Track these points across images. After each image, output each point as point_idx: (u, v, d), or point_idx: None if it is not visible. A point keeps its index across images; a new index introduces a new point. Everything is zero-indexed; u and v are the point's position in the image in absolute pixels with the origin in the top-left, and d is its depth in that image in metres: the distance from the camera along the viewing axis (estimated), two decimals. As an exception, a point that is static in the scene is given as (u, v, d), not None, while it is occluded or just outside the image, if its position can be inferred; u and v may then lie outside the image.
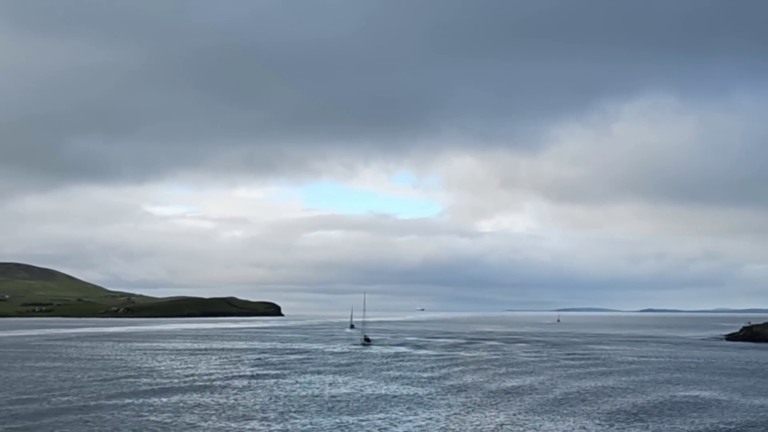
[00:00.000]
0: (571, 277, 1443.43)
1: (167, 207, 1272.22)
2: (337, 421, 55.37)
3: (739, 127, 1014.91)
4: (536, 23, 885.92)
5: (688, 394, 74.39)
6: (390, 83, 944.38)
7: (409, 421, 55.87)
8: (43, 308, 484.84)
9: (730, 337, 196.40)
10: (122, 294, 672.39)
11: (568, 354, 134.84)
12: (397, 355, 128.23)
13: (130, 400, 65.67)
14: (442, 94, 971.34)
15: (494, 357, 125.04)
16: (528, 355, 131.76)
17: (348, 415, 58.27)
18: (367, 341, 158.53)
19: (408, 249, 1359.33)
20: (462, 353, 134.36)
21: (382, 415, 58.25)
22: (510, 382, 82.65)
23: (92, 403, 64.17)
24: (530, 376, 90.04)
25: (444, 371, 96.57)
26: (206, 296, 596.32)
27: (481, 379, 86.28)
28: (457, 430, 52.50)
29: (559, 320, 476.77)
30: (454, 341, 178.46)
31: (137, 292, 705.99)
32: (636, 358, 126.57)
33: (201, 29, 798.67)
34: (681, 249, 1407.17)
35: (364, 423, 54.57)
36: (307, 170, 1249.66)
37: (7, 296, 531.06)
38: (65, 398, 67.37)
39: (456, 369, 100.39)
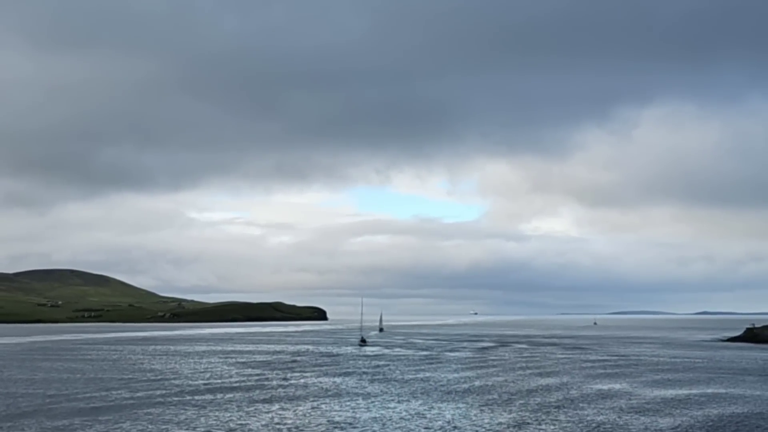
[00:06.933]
0: (621, 280, 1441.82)
1: (213, 213, 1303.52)
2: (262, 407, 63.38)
3: (760, 131, 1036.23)
4: (550, 33, 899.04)
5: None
6: (405, 91, 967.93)
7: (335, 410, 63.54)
8: (93, 314, 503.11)
9: (733, 339, 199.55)
10: (173, 299, 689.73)
11: (543, 355, 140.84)
12: (380, 356, 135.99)
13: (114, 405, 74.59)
14: (461, 102, 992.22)
15: (483, 357, 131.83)
16: (521, 356, 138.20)
17: (271, 403, 66.25)
18: (363, 342, 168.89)
19: (455, 253, 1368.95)
20: (449, 354, 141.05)
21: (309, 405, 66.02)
22: (466, 375, 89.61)
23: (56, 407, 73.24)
24: (505, 374, 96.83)
25: (395, 369, 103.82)
26: (254, 301, 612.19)
27: (454, 378, 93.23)
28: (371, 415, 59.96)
29: (595, 323, 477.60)
30: (462, 344, 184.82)
31: (188, 297, 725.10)
32: (617, 357, 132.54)
33: (211, 42, 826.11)
34: (725, 251, 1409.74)
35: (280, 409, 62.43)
36: (343, 177, 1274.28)
37: (60, 302, 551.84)
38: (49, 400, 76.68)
39: (405, 368, 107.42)
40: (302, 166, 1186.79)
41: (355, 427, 54.70)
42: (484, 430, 54.10)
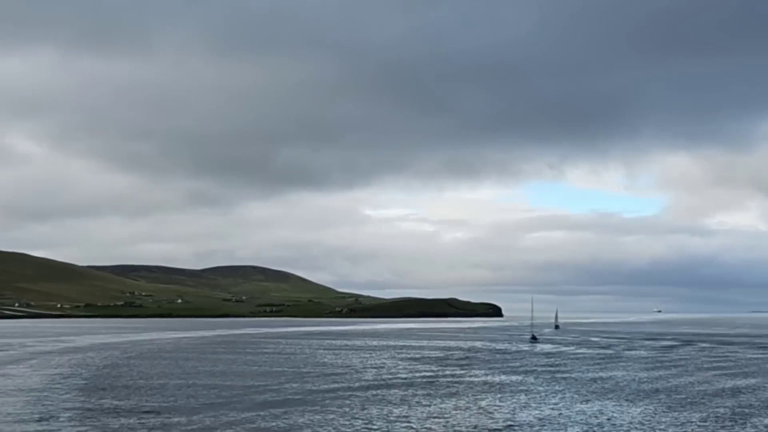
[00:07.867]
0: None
1: (387, 210, 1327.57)
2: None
3: None
4: (731, 15, 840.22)
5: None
6: (577, 85, 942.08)
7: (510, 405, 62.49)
8: (274, 309, 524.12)
9: None
10: (351, 295, 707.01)
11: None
12: (551, 354, 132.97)
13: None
14: (637, 94, 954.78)
15: (664, 356, 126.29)
16: (705, 355, 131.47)
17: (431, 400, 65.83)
18: (534, 339, 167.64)
19: (636, 249, 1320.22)
20: (626, 352, 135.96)
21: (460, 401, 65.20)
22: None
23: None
24: (688, 375, 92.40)
25: (562, 367, 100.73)
26: (429, 297, 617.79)
27: (625, 377, 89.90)
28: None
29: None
30: (643, 342, 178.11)
31: (365, 293, 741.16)
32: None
33: (381, 43, 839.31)
34: None
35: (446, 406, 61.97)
36: (515, 172, 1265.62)
37: (244, 297, 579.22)
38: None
39: (580, 366, 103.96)
40: (474, 162, 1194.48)
41: (513, 425, 53.15)
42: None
